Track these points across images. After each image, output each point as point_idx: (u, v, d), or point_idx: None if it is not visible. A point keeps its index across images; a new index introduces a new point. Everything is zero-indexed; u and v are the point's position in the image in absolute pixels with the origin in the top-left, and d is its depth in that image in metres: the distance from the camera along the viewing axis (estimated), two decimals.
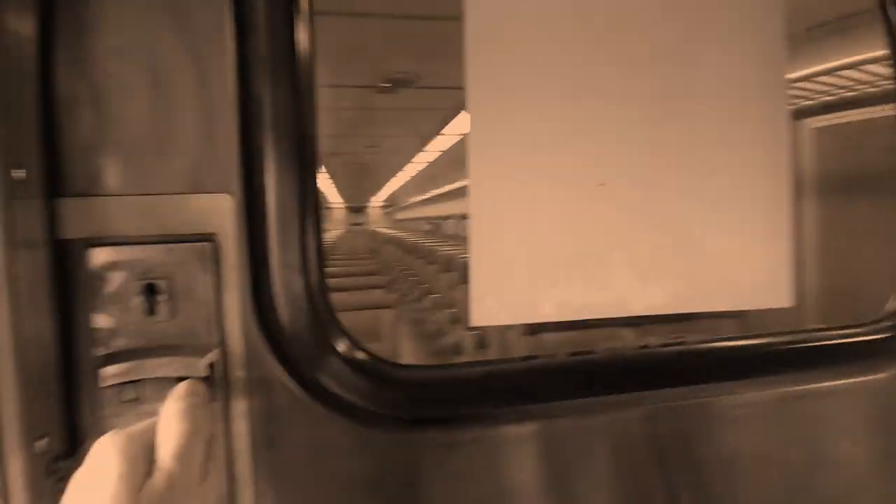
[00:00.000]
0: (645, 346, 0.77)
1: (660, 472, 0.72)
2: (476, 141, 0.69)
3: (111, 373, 0.58)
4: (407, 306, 6.22)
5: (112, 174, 0.60)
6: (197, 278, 0.62)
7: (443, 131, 7.02)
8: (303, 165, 0.65)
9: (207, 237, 0.62)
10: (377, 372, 0.68)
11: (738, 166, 0.76)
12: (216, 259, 0.62)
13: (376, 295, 4.44)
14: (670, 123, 0.73)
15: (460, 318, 4.64)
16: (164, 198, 0.61)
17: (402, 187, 16.83)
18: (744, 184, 0.76)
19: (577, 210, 0.72)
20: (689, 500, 0.73)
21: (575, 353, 0.74)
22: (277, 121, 0.64)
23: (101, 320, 0.60)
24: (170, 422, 0.48)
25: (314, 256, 0.66)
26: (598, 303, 0.74)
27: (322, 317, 0.66)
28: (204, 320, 0.62)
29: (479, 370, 0.73)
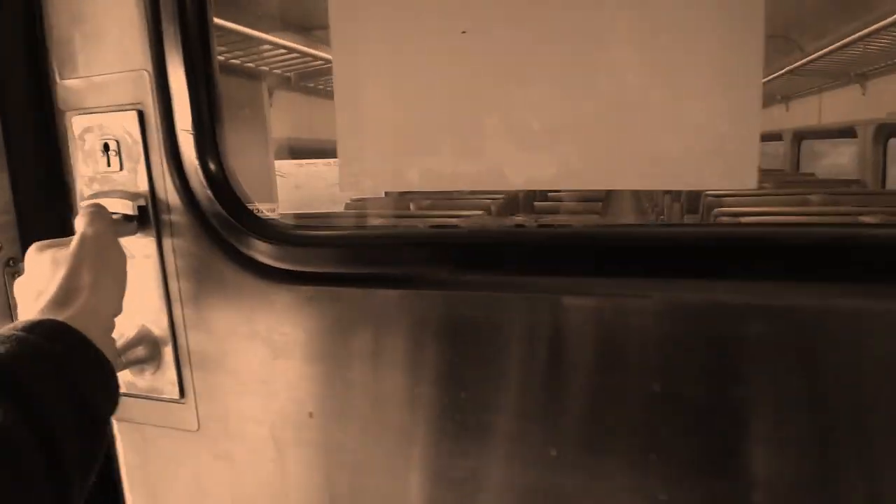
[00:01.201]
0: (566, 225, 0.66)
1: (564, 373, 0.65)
2: None
3: (83, 206, 0.81)
4: None
5: (81, 61, 0.80)
6: (133, 140, 0.79)
7: None
8: (199, 46, 0.74)
9: (136, 107, 0.78)
10: (262, 229, 0.77)
11: None
12: (143, 125, 0.78)
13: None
14: None
15: None
16: (112, 76, 0.79)
17: None
18: (689, 23, 0.55)
19: (439, 65, 0.65)
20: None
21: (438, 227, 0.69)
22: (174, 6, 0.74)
23: (83, 169, 0.83)
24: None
25: (207, 125, 0.76)
26: (468, 172, 0.67)
27: (216, 178, 0.77)
28: (139, 174, 0.79)
29: (361, 234, 0.76)
